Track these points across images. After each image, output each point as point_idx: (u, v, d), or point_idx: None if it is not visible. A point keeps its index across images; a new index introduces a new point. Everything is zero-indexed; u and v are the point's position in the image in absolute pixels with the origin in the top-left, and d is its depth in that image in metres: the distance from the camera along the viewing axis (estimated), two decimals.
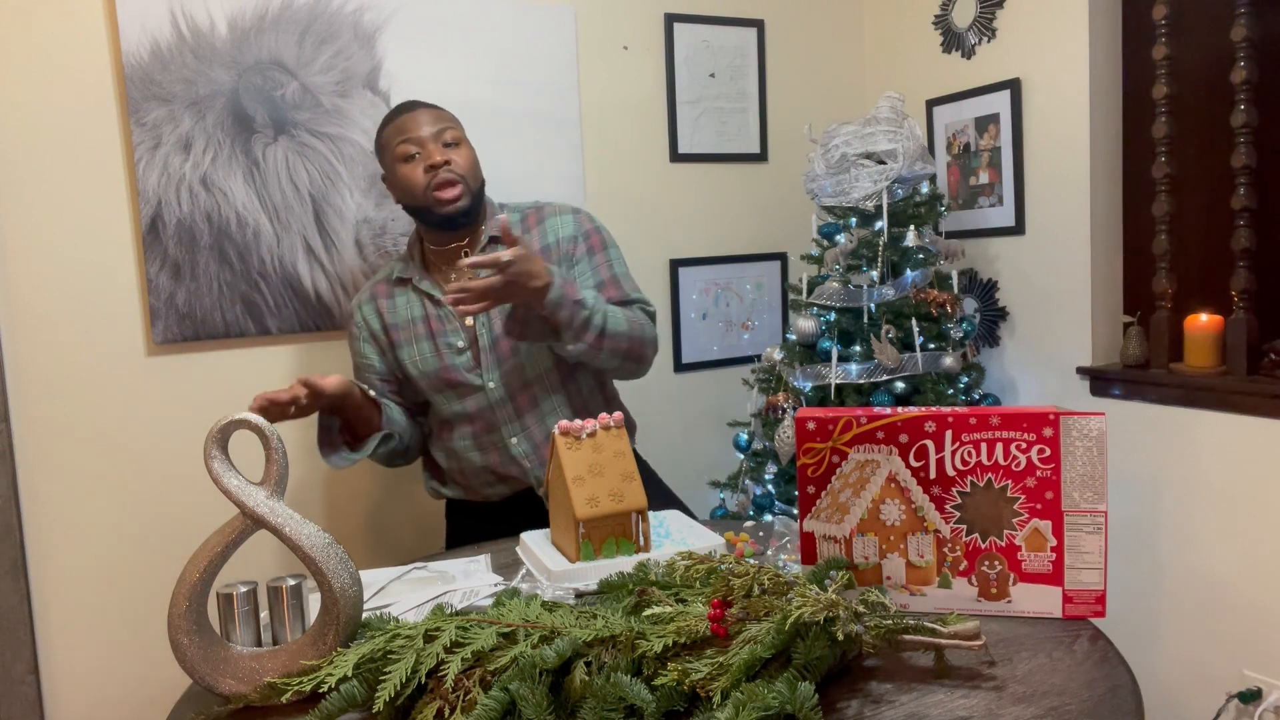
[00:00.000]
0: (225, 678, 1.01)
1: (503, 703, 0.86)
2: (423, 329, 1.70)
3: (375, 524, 2.19)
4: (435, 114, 1.67)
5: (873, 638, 0.95)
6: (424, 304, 1.70)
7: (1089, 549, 1.08)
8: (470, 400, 1.69)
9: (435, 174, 1.61)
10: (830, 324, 2.12)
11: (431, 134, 1.63)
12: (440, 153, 1.63)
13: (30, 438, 1.84)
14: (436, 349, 1.68)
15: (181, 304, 1.92)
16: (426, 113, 1.66)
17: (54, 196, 1.83)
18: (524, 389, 1.69)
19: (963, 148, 2.39)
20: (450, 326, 1.69)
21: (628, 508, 1.31)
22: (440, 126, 1.65)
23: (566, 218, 1.75)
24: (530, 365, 1.69)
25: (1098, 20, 2.09)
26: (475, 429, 1.70)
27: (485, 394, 1.68)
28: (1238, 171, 1.86)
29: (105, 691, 1.93)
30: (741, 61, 2.51)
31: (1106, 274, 2.16)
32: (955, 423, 1.10)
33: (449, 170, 1.62)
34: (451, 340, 1.68)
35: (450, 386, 1.69)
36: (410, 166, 1.63)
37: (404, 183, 1.65)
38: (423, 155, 1.62)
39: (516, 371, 1.68)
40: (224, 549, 1.02)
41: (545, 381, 1.70)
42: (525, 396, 1.69)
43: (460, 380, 1.68)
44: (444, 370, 1.68)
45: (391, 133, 1.66)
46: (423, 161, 1.62)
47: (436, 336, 1.69)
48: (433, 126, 1.64)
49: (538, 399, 1.70)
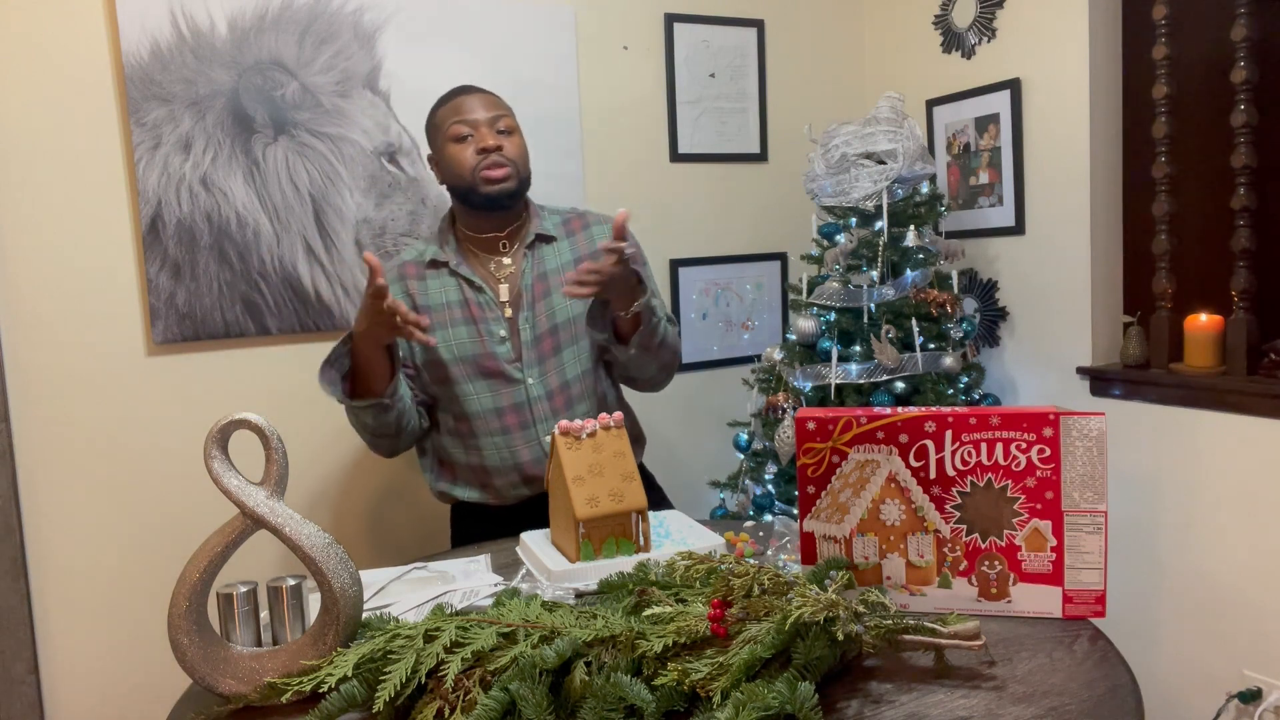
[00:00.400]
0: (225, 678, 1.01)
1: (503, 703, 0.86)
2: (460, 313, 1.67)
3: (375, 524, 2.19)
4: (492, 100, 1.68)
5: (873, 638, 0.95)
6: (461, 288, 1.67)
7: (1089, 549, 1.08)
8: (505, 394, 1.66)
9: (487, 156, 1.62)
10: (830, 324, 2.12)
11: (487, 119, 1.64)
12: (493, 137, 1.63)
13: (30, 438, 1.84)
14: (478, 334, 1.66)
15: (181, 304, 1.92)
16: (484, 98, 1.67)
17: (54, 196, 1.83)
18: (561, 389, 1.68)
19: (963, 148, 2.39)
20: (492, 315, 1.67)
21: (628, 508, 1.31)
22: (496, 113, 1.66)
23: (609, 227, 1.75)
24: (570, 366, 1.69)
25: (1098, 20, 2.09)
26: (508, 424, 1.67)
27: (524, 389, 1.66)
28: (1238, 171, 1.86)
29: (105, 691, 1.93)
30: (741, 61, 2.51)
31: (1106, 274, 2.16)
32: (955, 423, 1.10)
33: (500, 155, 1.63)
34: (494, 329, 1.66)
35: (486, 375, 1.66)
36: (461, 147, 1.63)
37: (453, 162, 1.64)
38: (475, 138, 1.63)
39: (556, 371, 1.68)
40: (224, 549, 1.02)
41: (581, 384, 1.70)
42: (562, 397, 1.68)
43: (499, 370, 1.66)
44: (484, 357, 1.66)
45: (447, 112, 1.66)
46: (475, 144, 1.63)
47: (478, 323, 1.66)
48: (489, 112, 1.65)
49: (573, 400, 1.69)
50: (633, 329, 1.59)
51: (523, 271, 1.69)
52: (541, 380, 1.67)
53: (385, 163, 2.09)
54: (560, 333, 1.68)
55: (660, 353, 1.67)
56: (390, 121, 2.08)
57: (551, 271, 1.70)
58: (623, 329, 1.60)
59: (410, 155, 2.11)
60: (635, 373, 1.71)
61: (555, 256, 1.72)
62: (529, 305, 1.68)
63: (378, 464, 2.17)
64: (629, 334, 1.60)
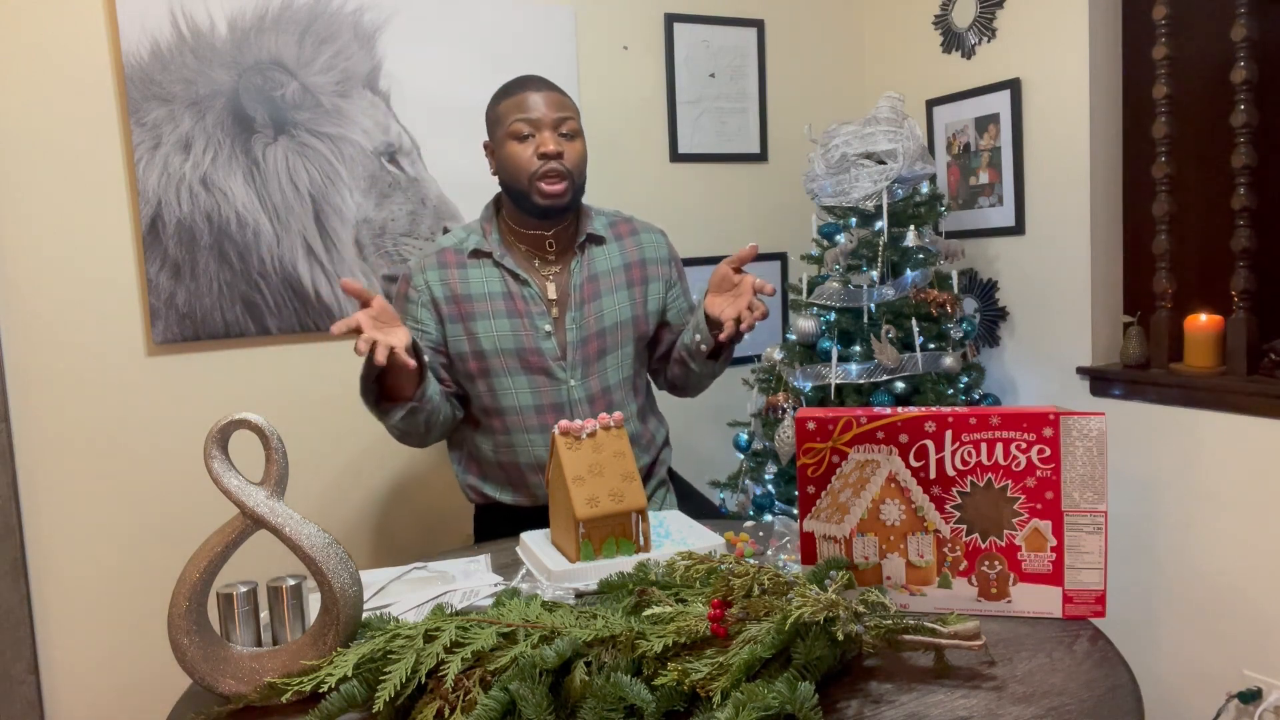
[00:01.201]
0: (225, 678, 1.01)
1: (503, 703, 0.86)
2: (503, 305, 1.62)
3: (375, 524, 2.19)
4: (559, 100, 1.59)
5: (873, 638, 0.95)
6: (505, 280, 1.62)
7: (1089, 549, 1.08)
8: (546, 392, 1.63)
9: (546, 163, 1.55)
10: (830, 324, 2.12)
11: (552, 120, 1.56)
12: (555, 142, 1.56)
13: (30, 438, 1.84)
14: (522, 328, 1.62)
15: (181, 304, 1.92)
16: (551, 96, 1.58)
17: (54, 196, 1.83)
18: (602, 394, 1.67)
19: (963, 148, 2.39)
20: (537, 309, 1.62)
21: (628, 508, 1.31)
22: (562, 115, 1.58)
23: (657, 237, 1.76)
24: (612, 371, 1.68)
25: (1098, 20, 2.09)
26: (546, 422, 1.63)
27: (565, 389, 1.64)
28: (1238, 171, 1.86)
29: (105, 691, 1.93)
30: (741, 61, 2.51)
31: (1106, 274, 2.16)
32: (955, 423, 1.10)
33: (560, 163, 1.56)
34: (539, 324, 1.62)
35: (529, 370, 1.62)
36: (521, 146, 1.56)
37: (511, 162, 1.58)
38: (538, 140, 1.56)
39: (599, 375, 1.67)
40: (224, 549, 1.02)
41: (621, 390, 1.70)
42: (603, 401, 1.67)
43: (543, 366, 1.62)
44: (528, 352, 1.62)
45: (510, 107, 1.58)
46: (536, 146, 1.56)
47: (522, 316, 1.62)
48: (555, 113, 1.57)
49: (612, 406, 1.68)
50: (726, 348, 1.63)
51: (572, 271, 1.65)
52: (584, 383, 1.65)
53: (385, 163, 2.09)
54: (606, 336, 1.66)
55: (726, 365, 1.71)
56: (390, 121, 2.09)
57: (602, 274, 1.68)
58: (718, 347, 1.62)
59: (410, 155, 2.11)
60: (696, 382, 1.73)
61: (605, 259, 1.69)
62: (577, 306, 1.64)
63: (378, 464, 2.17)
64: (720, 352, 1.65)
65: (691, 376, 1.71)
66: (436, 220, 2.15)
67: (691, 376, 1.71)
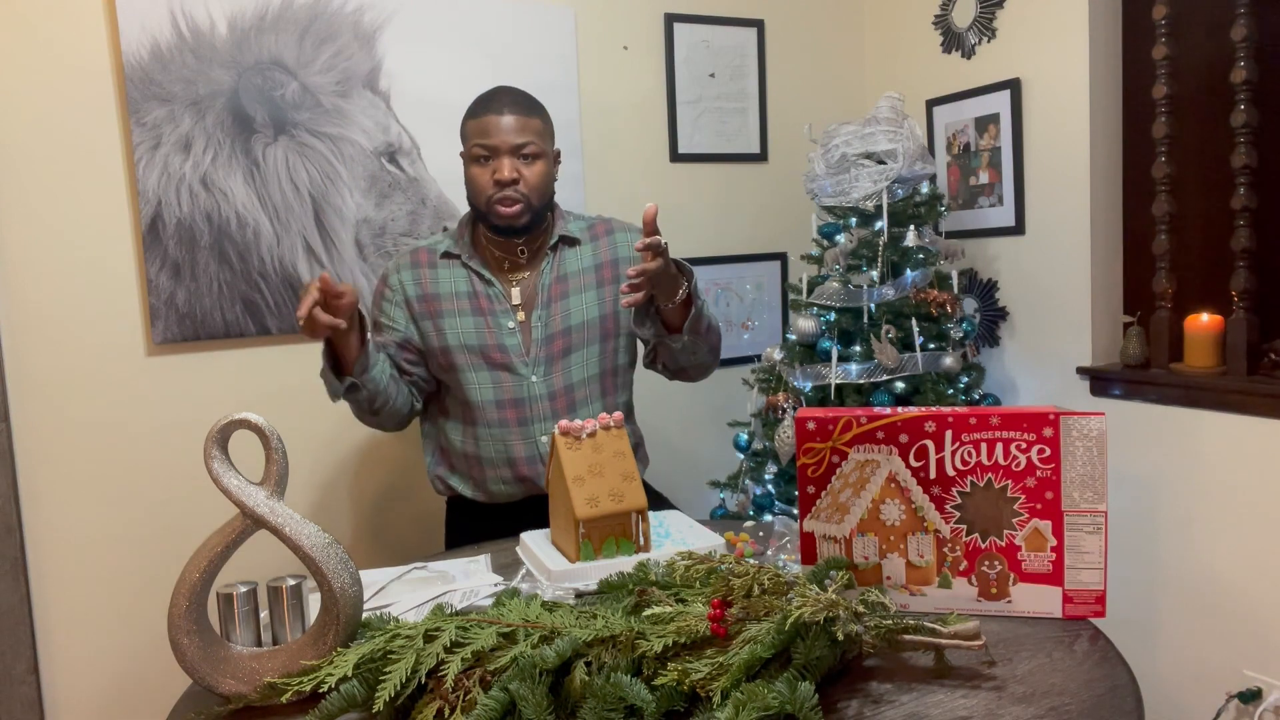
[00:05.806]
0: (225, 678, 1.01)
1: (503, 703, 0.86)
2: (468, 304, 1.68)
3: (375, 524, 2.19)
4: (521, 123, 1.61)
5: (873, 638, 0.95)
6: (471, 280, 1.69)
7: (1089, 549, 1.08)
8: (507, 387, 1.67)
9: (500, 190, 1.60)
10: (830, 324, 2.12)
11: (510, 146, 1.60)
12: (511, 168, 1.60)
13: (30, 438, 1.84)
14: (485, 326, 1.67)
15: (181, 304, 1.92)
16: (514, 120, 1.61)
17: (54, 196, 1.83)
18: (564, 391, 1.69)
19: (963, 148, 2.39)
20: (501, 308, 1.68)
21: (628, 508, 1.31)
22: (522, 140, 1.60)
23: (635, 236, 1.77)
24: (576, 369, 1.70)
25: (1098, 20, 2.09)
26: (506, 417, 1.68)
27: (526, 385, 1.67)
28: (1238, 171, 1.86)
29: (105, 691, 1.93)
30: (741, 61, 2.51)
31: (1106, 274, 2.16)
32: (955, 423, 1.10)
33: (515, 190, 1.61)
34: (502, 321, 1.67)
35: (492, 366, 1.67)
36: (481, 170, 1.62)
37: (471, 184, 1.65)
38: (495, 165, 1.60)
39: (562, 372, 1.69)
40: (224, 549, 1.02)
41: (585, 389, 1.71)
42: (564, 399, 1.69)
43: (506, 362, 1.67)
44: (491, 348, 1.67)
45: (473, 129, 1.63)
46: (493, 171, 1.60)
47: (485, 314, 1.68)
48: (516, 137, 1.60)
49: (575, 404, 1.70)
50: (681, 318, 1.57)
51: (542, 271, 1.70)
52: (546, 380, 1.68)
53: (385, 163, 2.09)
54: (572, 335, 1.69)
55: (709, 335, 1.64)
56: (390, 121, 2.09)
57: (572, 274, 1.71)
58: (671, 320, 1.57)
59: (410, 155, 2.11)
60: (687, 361, 1.67)
61: (576, 260, 1.72)
62: (544, 305, 1.69)
63: (378, 464, 2.17)
64: (678, 323, 1.58)
65: (673, 358, 1.66)
66: (436, 220, 2.15)
67: (673, 358, 1.66)
